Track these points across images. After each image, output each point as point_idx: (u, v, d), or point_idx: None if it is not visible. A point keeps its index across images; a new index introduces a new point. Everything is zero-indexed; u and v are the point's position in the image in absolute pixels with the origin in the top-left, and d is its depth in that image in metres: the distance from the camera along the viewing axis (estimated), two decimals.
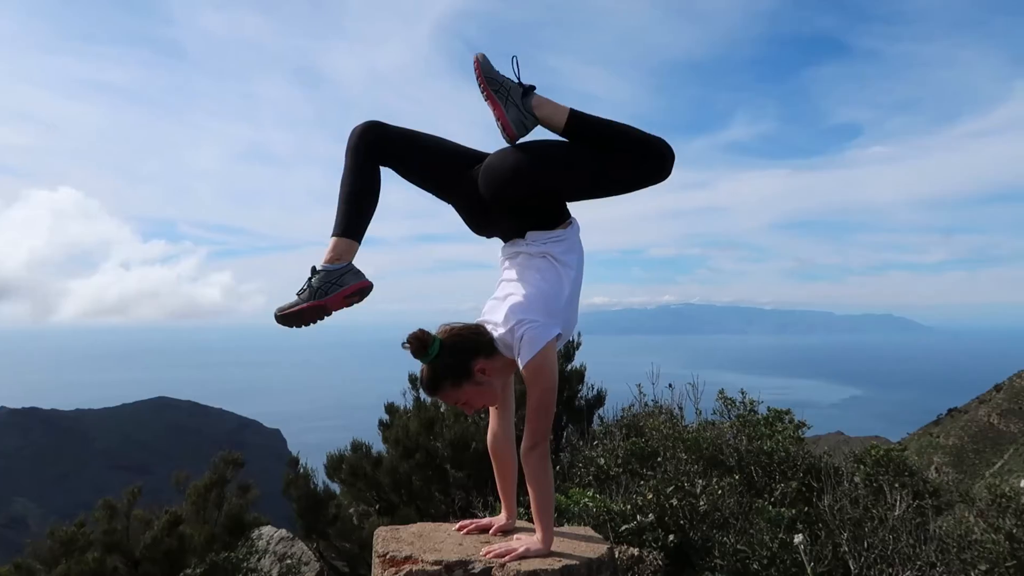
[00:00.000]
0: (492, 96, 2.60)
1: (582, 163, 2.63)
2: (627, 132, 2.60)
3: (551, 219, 2.71)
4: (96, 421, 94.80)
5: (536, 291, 2.62)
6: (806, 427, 5.81)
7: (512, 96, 2.60)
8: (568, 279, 2.67)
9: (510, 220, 2.73)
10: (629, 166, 2.63)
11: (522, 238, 2.73)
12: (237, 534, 6.29)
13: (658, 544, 4.12)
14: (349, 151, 2.61)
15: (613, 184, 2.69)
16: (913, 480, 5.11)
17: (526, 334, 2.51)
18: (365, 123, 2.63)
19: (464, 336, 2.61)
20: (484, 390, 2.62)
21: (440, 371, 2.56)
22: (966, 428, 51.65)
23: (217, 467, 6.60)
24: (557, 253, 2.68)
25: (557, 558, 2.60)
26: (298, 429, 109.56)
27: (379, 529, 2.94)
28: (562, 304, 2.64)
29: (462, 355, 2.57)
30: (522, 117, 2.61)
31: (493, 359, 2.61)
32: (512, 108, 2.59)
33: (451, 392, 2.60)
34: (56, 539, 6.11)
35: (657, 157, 2.61)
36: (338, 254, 2.57)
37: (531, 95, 2.62)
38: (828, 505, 4.34)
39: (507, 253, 2.80)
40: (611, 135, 2.60)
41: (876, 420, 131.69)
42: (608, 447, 5.61)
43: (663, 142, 2.61)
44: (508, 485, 2.92)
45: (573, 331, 2.84)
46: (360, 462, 6.92)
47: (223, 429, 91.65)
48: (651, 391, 6.55)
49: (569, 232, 2.74)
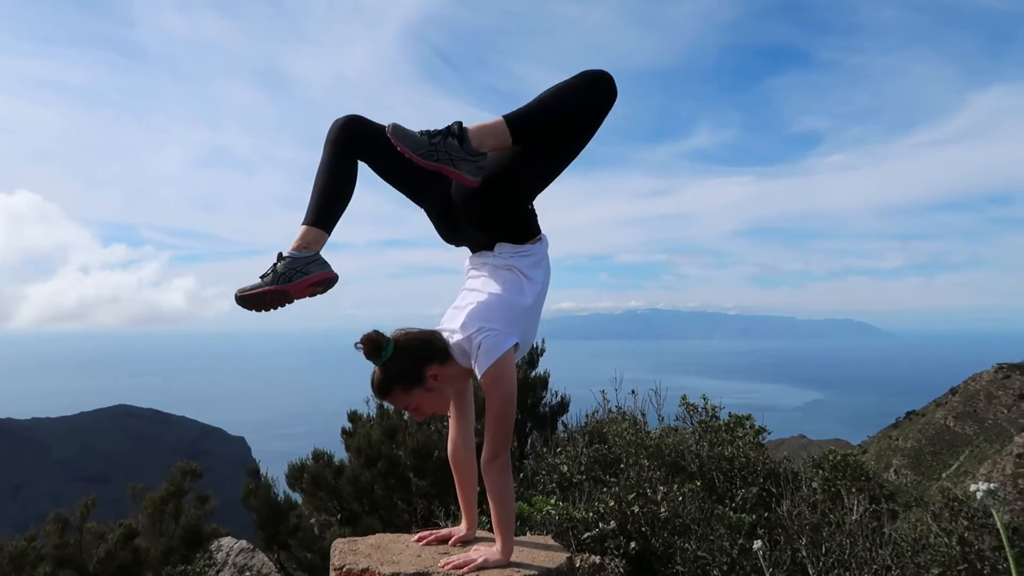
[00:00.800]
0: (437, 165, 2.43)
1: (547, 130, 2.52)
2: (560, 92, 2.48)
3: (521, 233, 2.69)
4: (53, 430, 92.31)
5: (497, 300, 2.60)
6: (766, 432, 5.88)
7: (451, 152, 2.42)
8: (532, 293, 2.66)
9: (480, 231, 2.70)
10: (581, 111, 2.50)
11: (490, 250, 2.70)
12: (195, 546, 6.16)
13: (620, 551, 4.12)
14: (328, 143, 2.55)
15: (578, 128, 2.56)
16: (870, 484, 5.20)
17: (484, 342, 2.48)
18: (347, 116, 2.56)
19: (419, 340, 2.58)
20: (435, 396, 2.59)
21: (392, 374, 2.53)
22: (923, 431, 52.85)
23: (174, 478, 6.47)
24: (523, 267, 2.67)
25: (516, 568, 2.58)
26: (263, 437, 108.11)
27: (336, 541, 2.89)
28: (521, 315, 2.62)
29: (415, 359, 2.54)
30: (475, 164, 2.46)
31: (447, 366, 2.58)
32: (462, 163, 2.44)
33: (401, 396, 2.57)
34: (5, 554, 5.93)
35: (594, 84, 2.48)
36: (306, 243, 2.50)
37: (466, 137, 2.43)
38: (787, 510, 4.39)
39: (473, 263, 2.78)
40: (553, 110, 2.48)
41: (838, 423, 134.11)
42: (571, 454, 5.61)
43: (588, 72, 2.50)
44: (469, 494, 2.90)
45: (530, 346, 2.80)
46: (322, 471, 6.83)
47: (186, 437, 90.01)
48: (614, 397, 6.58)
49: (537, 248, 2.73)
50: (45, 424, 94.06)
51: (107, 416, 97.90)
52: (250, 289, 2.48)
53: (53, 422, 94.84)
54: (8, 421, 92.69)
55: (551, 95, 2.47)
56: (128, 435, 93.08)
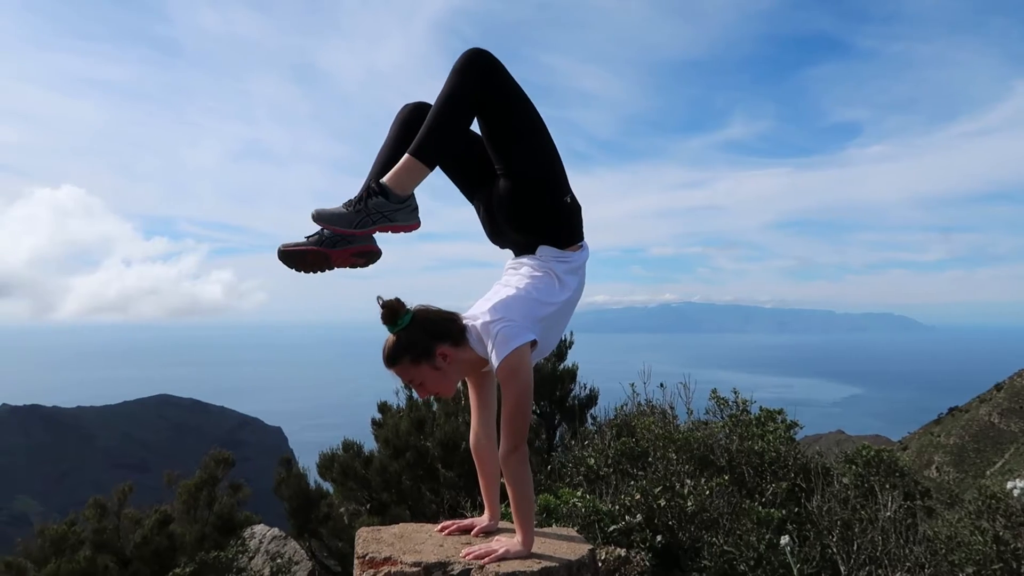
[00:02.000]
0: (375, 228, 2.43)
1: (455, 135, 2.48)
2: (442, 100, 2.43)
3: (560, 237, 2.70)
4: (97, 419, 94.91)
5: (523, 296, 2.61)
6: (798, 427, 5.78)
7: (382, 209, 2.42)
8: (561, 297, 2.67)
9: (518, 232, 2.73)
10: (471, 96, 2.43)
11: (532, 253, 2.73)
12: (228, 533, 6.27)
13: (646, 545, 4.10)
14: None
15: (494, 109, 2.50)
16: (904, 481, 5.09)
17: (502, 331, 2.49)
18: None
19: (436, 317, 2.60)
20: (440, 376, 2.60)
21: (403, 344, 2.54)
22: (967, 427, 51.65)
23: (207, 466, 6.60)
24: (559, 271, 2.68)
25: (537, 560, 2.58)
26: (299, 427, 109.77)
27: (361, 530, 2.92)
28: (545, 316, 2.62)
29: (428, 335, 2.55)
30: (408, 207, 2.47)
31: (459, 349, 2.59)
32: (397, 214, 2.45)
33: (408, 368, 2.58)
34: (46, 537, 6.11)
35: (464, 68, 2.42)
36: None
37: (387, 189, 2.43)
38: (817, 506, 4.32)
39: (512, 263, 2.81)
40: (445, 116, 2.43)
41: (876, 419, 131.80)
42: (599, 447, 5.59)
43: (455, 64, 2.44)
44: (491, 485, 2.91)
45: (549, 351, 2.80)
46: (351, 461, 6.91)
47: (224, 427, 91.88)
48: (643, 390, 6.53)
49: (576, 256, 2.73)
50: (89, 413, 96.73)
51: (148, 405, 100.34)
52: (294, 246, 2.43)
53: (97, 411, 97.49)
54: (55, 410, 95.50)
55: (436, 106, 2.44)
56: (168, 424, 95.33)
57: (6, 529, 58.46)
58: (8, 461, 79.10)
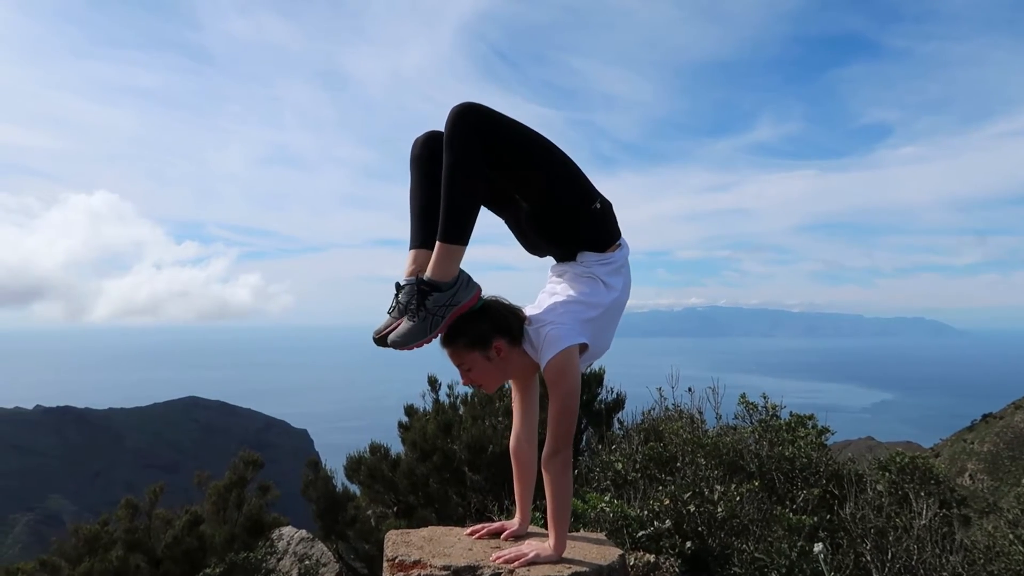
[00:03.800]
0: (445, 323, 2.48)
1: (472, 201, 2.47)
2: (449, 172, 2.40)
3: (597, 241, 2.71)
4: (128, 420, 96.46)
5: (571, 301, 2.64)
6: (830, 433, 5.69)
7: (441, 302, 2.46)
8: (608, 299, 2.68)
9: (554, 247, 2.78)
10: (474, 155, 2.40)
11: (573, 259, 2.74)
12: (256, 534, 6.33)
13: (675, 551, 4.05)
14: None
15: (503, 157, 2.48)
16: (940, 488, 4.98)
17: (550, 333, 2.53)
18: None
19: (504, 311, 2.63)
20: (489, 368, 2.61)
21: (464, 327, 2.55)
22: (1001, 434, 50.47)
23: (236, 467, 6.66)
24: (602, 274, 2.70)
25: (567, 564, 2.57)
26: (325, 429, 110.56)
27: (390, 533, 2.93)
28: (594, 319, 2.64)
29: (491, 325, 2.57)
30: (461, 284, 2.50)
31: (514, 347, 2.62)
32: (457, 296, 2.49)
33: (461, 352, 2.59)
34: (80, 537, 6.20)
35: (457, 135, 2.39)
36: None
37: (435, 282, 2.45)
38: (850, 513, 4.24)
39: (555, 271, 2.83)
40: (458, 188, 2.41)
41: (908, 425, 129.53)
42: (626, 452, 5.55)
43: (445, 135, 2.41)
44: (526, 489, 2.90)
45: (603, 353, 2.80)
46: (378, 464, 6.94)
47: (252, 429, 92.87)
48: (671, 395, 6.48)
49: (617, 255, 2.75)
50: (120, 414, 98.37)
51: (178, 407, 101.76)
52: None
53: (128, 412, 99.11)
54: (87, 411, 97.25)
55: (446, 182, 2.41)
56: (197, 426, 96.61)
57: (40, 528, 59.61)
58: (42, 461, 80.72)
